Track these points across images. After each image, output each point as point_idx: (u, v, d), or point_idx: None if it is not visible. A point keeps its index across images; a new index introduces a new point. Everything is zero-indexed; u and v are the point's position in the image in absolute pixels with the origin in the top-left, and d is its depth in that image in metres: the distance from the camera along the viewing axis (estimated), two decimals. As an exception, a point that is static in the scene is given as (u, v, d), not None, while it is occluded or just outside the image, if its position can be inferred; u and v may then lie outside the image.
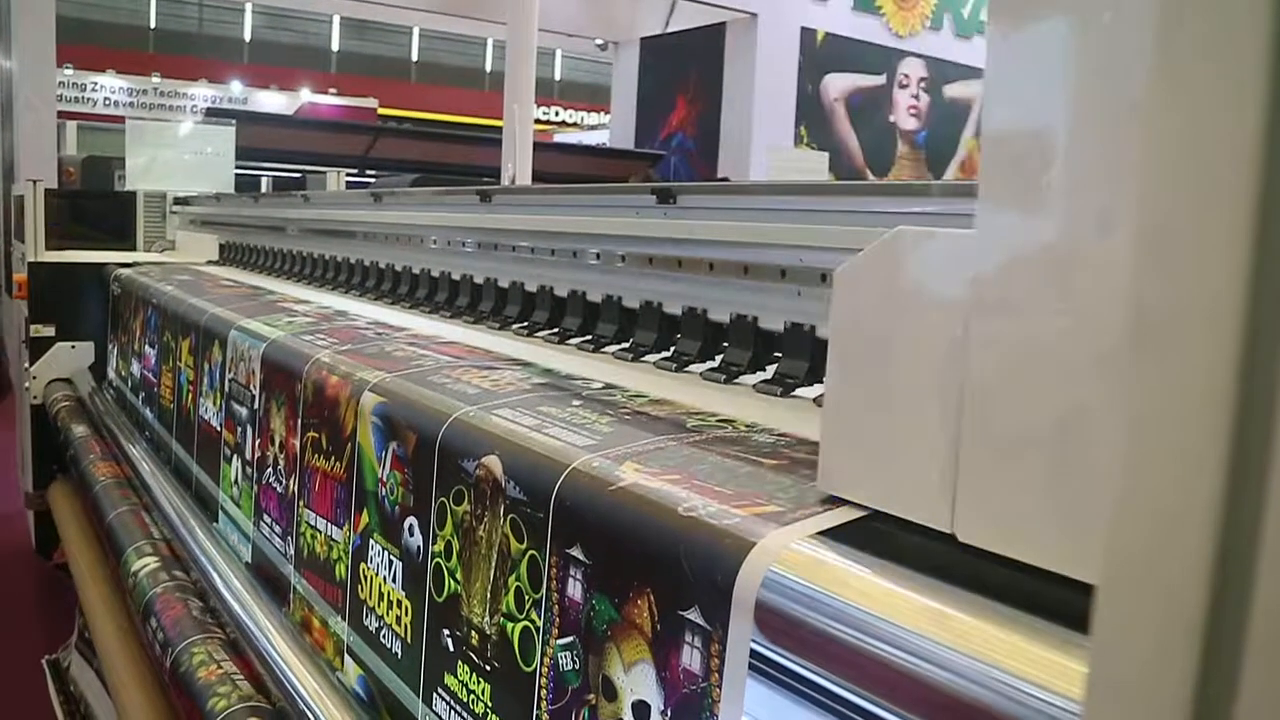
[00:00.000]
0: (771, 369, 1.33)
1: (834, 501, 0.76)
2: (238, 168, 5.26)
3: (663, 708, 0.78)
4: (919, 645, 0.59)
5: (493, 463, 1.01)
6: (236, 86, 18.24)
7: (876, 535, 0.71)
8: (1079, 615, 0.46)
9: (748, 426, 1.05)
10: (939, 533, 0.69)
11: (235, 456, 1.89)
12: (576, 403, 1.16)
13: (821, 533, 0.71)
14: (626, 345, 1.58)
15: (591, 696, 0.86)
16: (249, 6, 19.74)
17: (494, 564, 1.01)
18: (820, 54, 10.24)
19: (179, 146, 5.11)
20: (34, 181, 3.74)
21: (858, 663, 0.62)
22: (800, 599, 0.66)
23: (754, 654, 0.68)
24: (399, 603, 1.21)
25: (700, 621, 0.74)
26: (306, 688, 1.36)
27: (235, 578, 1.72)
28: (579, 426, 1.03)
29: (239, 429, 1.87)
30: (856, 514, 0.74)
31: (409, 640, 1.18)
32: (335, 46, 20.75)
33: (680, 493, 0.81)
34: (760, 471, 0.86)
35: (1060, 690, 0.51)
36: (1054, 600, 0.57)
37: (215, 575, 1.78)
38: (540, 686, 0.93)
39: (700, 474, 0.86)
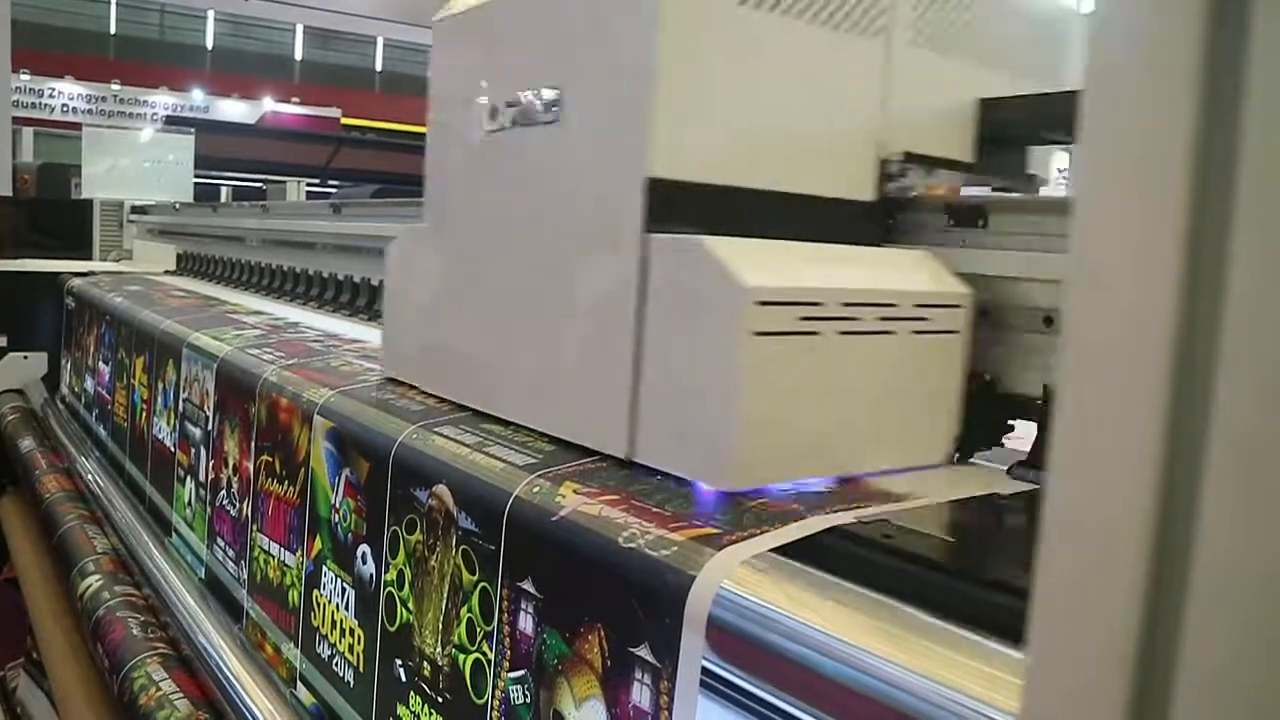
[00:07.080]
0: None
1: (775, 522, 0.76)
2: (197, 176, 5.21)
3: (613, 744, 0.77)
4: (869, 663, 0.59)
5: (443, 493, 1.00)
6: (198, 94, 18.03)
7: (821, 552, 0.71)
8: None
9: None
10: (885, 548, 0.70)
11: (189, 478, 1.87)
12: None
13: (769, 551, 0.71)
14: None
15: (543, 731, 0.85)
16: (211, 14, 19.56)
17: (446, 595, 0.99)
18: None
19: (137, 154, 5.05)
20: (-15, 189, 3.68)
21: (807, 679, 0.62)
22: (750, 617, 0.66)
23: (705, 672, 0.68)
24: (351, 631, 1.19)
25: (650, 659, 0.73)
26: (260, 708, 1.35)
27: (190, 596, 1.69)
28: (520, 445, 1.03)
29: (193, 450, 1.85)
30: (801, 533, 0.74)
31: (361, 669, 1.17)
32: (299, 55, 20.60)
33: (618, 517, 0.81)
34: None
35: (1013, 710, 0.51)
36: (1004, 617, 0.57)
37: (169, 591, 1.75)
38: (491, 719, 0.92)
39: (639, 494, 0.85)
